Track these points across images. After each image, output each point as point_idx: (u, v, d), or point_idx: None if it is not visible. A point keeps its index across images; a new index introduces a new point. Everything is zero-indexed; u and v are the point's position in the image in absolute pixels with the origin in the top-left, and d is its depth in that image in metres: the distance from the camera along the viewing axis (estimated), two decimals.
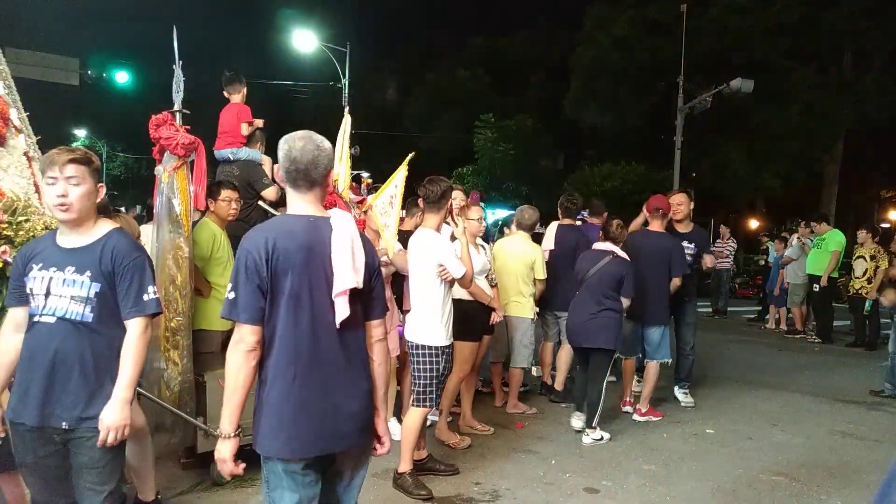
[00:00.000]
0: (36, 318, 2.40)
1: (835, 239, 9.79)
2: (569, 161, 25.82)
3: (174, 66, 3.94)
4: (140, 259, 2.50)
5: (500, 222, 9.83)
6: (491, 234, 8.26)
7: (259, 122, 5.39)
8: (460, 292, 4.69)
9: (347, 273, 2.22)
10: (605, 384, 5.05)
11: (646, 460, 4.73)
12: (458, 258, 3.95)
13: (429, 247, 3.95)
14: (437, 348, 3.95)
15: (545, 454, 4.78)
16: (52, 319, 2.38)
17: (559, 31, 27.42)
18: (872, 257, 9.25)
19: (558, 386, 6.11)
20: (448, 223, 4.17)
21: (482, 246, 5.15)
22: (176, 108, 3.91)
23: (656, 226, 5.64)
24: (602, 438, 5.06)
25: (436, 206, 4.02)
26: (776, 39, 19.33)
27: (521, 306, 5.60)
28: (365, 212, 4.53)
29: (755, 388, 6.91)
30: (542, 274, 5.67)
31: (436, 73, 29.50)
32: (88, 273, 2.40)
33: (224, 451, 2.26)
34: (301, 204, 2.30)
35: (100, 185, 2.47)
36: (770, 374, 7.64)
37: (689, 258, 5.75)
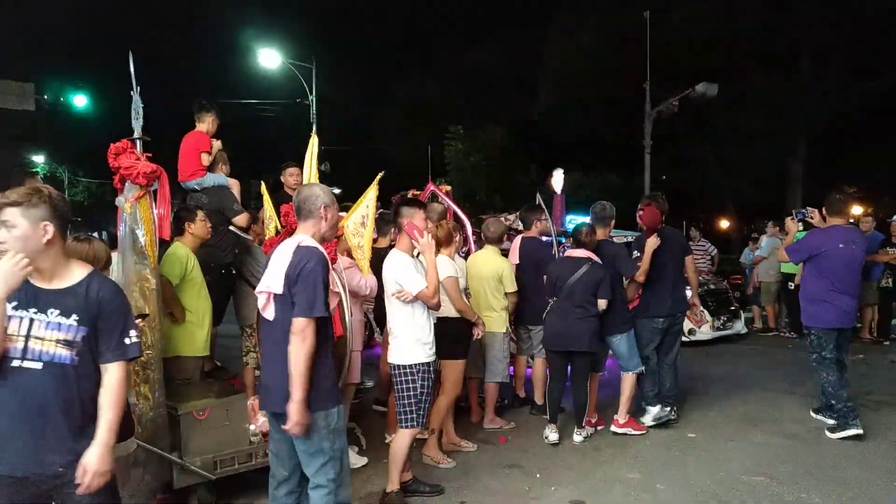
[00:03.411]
0: (16, 363, 2.31)
1: None
2: (541, 171, 25.98)
3: (132, 93, 3.86)
4: (124, 303, 2.54)
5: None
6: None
7: (217, 144, 5.30)
8: (448, 310, 4.70)
9: (264, 279, 3.03)
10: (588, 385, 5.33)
11: (629, 469, 4.72)
12: (420, 274, 3.90)
13: (388, 265, 4.00)
14: (411, 367, 3.93)
15: (530, 468, 4.75)
16: (39, 365, 2.32)
17: (526, 41, 27.62)
18: None
19: (538, 399, 6.08)
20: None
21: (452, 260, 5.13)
22: (136, 135, 3.83)
23: (601, 234, 5.57)
24: (589, 436, 5.32)
25: (398, 227, 4.08)
26: (737, 44, 19.71)
27: (492, 321, 5.55)
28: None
29: (734, 388, 6.96)
30: (511, 287, 5.63)
31: (404, 87, 29.50)
32: (76, 317, 2.36)
33: None
34: (298, 231, 3.14)
35: (44, 223, 2.32)
36: (747, 374, 7.71)
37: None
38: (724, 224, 27.38)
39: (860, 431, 5.15)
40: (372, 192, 4.48)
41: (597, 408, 5.77)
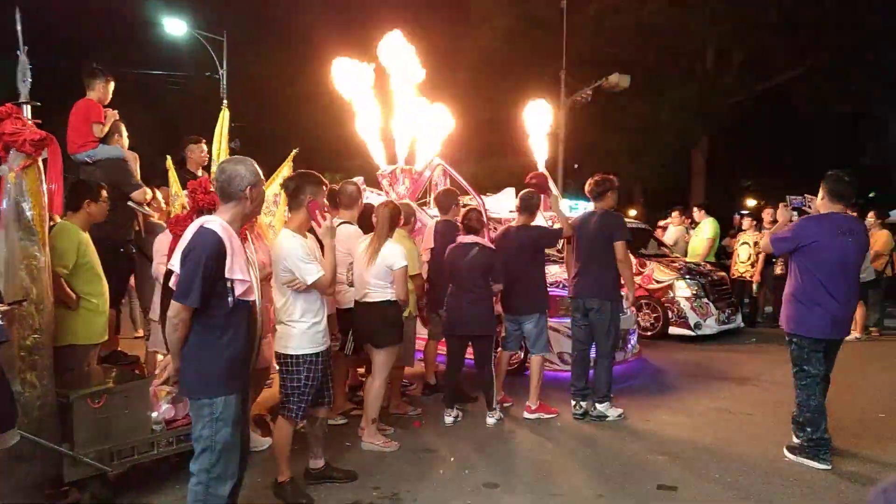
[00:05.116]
0: None
1: (710, 226, 10.54)
2: (457, 156, 25.99)
3: (18, 53, 3.52)
4: None
5: None
6: None
7: (111, 114, 4.93)
8: (381, 295, 4.63)
9: (173, 256, 2.91)
10: (492, 365, 5.37)
11: (542, 451, 4.81)
12: (313, 261, 3.63)
13: (277, 248, 3.69)
14: (296, 357, 3.72)
15: (443, 452, 4.75)
16: None
17: (444, 23, 27.47)
18: (755, 243, 10.02)
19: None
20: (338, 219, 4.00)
21: None
22: (22, 99, 3.49)
23: (521, 221, 5.67)
24: (502, 418, 5.38)
25: (295, 204, 3.73)
26: (647, 38, 20.42)
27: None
28: None
29: (639, 372, 7.22)
30: (414, 269, 5.45)
31: (319, 65, 28.70)
32: None
33: None
34: (218, 211, 3.01)
35: None
36: (653, 358, 7.99)
37: None
38: (633, 213, 28.52)
39: (828, 467, 4.41)
40: (285, 169, 4.31)
41: (504, 387, 5.86)
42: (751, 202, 29.65)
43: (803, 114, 22.24)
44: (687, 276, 9.10)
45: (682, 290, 8.96)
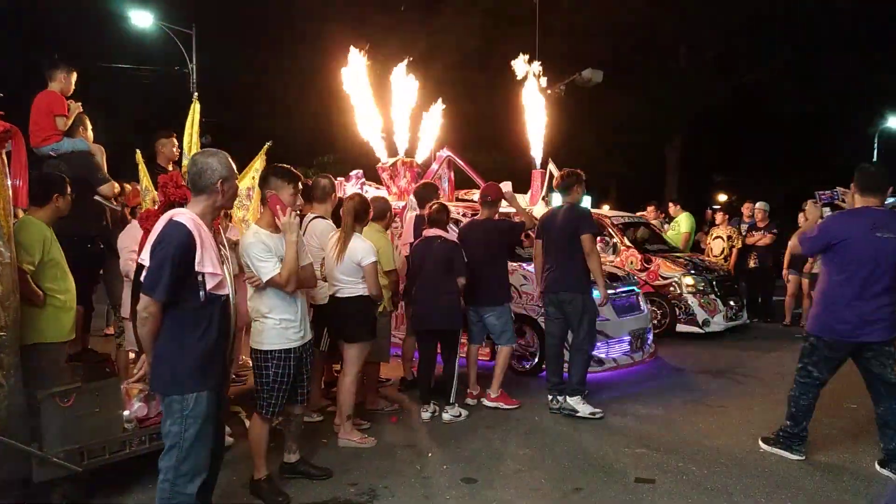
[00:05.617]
0: None
1: (686, 221, 10.70)
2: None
3: None
4: None
5: None
6: None
7: (75, 106, 4.81)
8: (356, 290, 4.60)
9: (144, 250, 2.91)
10: (457, 362, 5.41)
11: (520, 445, 4.80)
12: (273, 258, 3.56)
13: (242, 245, 3.64)
14: (265, 353, 3.69)
15: (421, 448, 4.73)
16: None
17: (417, 20, 27.34)
18: (728, 237, 10.19)
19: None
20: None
21: None
22: None
23: (485, 214, 5.72)
24: (460, 415, 5.33)
25: (263, 198, 3.70)
26: (621, 35, 20.55)
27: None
28: None
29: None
30: (388, 265, 5.42)
31: (292, 59, 28.42)
32: None
33: None
34: (189, 204, 2.99)
35: None
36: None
37: None
38: (606, 207, 28.77)
39: (802, 458, 4.49)
40: (258, 163, 4.25)
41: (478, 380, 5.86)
42: (722, 197, 30.17)
43: (775, 111, 22.57)
44: (694, 272, 8.85)
45: (690, 287, 8.72)
